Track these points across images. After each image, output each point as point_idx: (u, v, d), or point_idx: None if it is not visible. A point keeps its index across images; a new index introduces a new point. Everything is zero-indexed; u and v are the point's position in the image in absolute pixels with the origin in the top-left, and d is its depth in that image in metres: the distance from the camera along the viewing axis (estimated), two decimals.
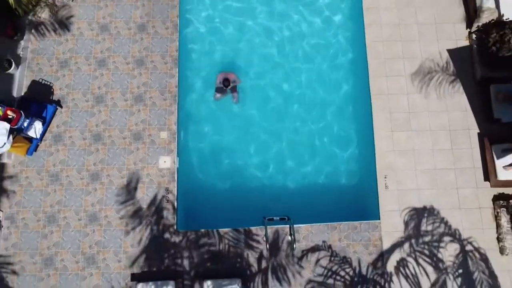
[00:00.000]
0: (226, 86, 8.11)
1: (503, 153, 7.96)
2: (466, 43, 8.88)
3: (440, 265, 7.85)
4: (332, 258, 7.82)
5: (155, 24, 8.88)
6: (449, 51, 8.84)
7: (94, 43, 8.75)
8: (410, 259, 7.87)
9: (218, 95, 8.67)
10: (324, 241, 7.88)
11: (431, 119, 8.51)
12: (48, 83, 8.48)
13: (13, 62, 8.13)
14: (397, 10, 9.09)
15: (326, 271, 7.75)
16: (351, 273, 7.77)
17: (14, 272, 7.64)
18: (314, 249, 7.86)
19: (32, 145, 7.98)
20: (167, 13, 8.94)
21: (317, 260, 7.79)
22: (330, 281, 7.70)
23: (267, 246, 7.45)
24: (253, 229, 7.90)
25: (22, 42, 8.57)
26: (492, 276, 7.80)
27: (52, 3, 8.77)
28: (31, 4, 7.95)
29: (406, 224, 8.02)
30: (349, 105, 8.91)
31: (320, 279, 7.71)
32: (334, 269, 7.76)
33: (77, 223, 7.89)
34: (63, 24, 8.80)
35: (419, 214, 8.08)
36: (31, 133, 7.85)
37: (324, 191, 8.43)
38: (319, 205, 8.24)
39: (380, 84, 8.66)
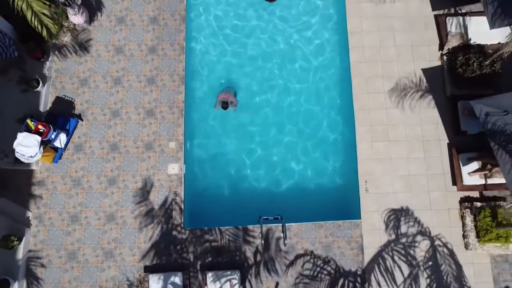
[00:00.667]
0: (225, 108, 9.24)
1: (468, 161, 9.13)
2: (438, 63, 10.03)
3: (413, 258, 8.98)
4: (319, 253, 8.96)
5: (164, 47, 10.04)
6: (423, 70, 9.99)
7: (110, 63, 9.90)
8: (387, 254, 9.01)
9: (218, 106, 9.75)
10: (312, 238, 9.03)
11: (406, 130, 9.67)
12: (70, 99, 9.63)
13: (41, 81, 9.28)
14: (378, 33, 10.23)
15: (313, 263, 8.89)
16: (335, 265, 8.91)
17: (42, 265, 8.78)
18: (304, 244, 9.00)
19: (58, 154, 9.13)
20: (174, 37, 10.09)
21: (306, 254, 8.94)
22: (317, 272, 8.84)
23: (262, 241, 8.64)
24: (250, 227, 9.03)
25: (47, 63, 9.71)
26: (458, 268, 8.95)
27: (73, 28, 9.92)
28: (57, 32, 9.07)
29: (384, 223, 9.16)
30: (335, 118, 10.02)
31: (308, 271, 8.85)
32: (320, 262, 8.90)
33: (96, 222, 9.03)
34: (83, 47, 9.95)
35: (395, 214, 9.21)
36: (56, 144, 8.99)
37: (312, 194, 9.55)
38: (308, 206, 9.34)
39: (362, 100, 9.82)
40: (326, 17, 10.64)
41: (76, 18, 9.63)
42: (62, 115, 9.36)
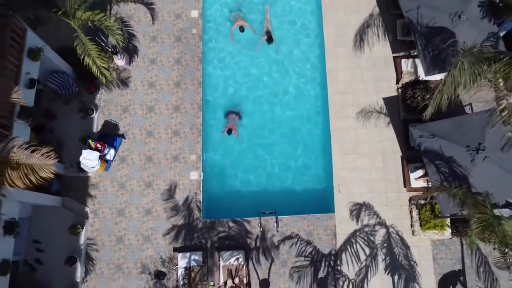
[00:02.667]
0: (229, 134, 12.28)
1: (415, 169, 12.15)
2: (395, 94, 13.03)
3: (373, 242, 12.00)
4: (303, 238, 12.00)
5: (186, 82, 13.10)
6: (384, 99, 13.00)
7: (145, 95, 12.98)
8: (354, 239, 12.04)
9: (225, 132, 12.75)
10: (298, 226, 12.08)
11: (370, 146, 12.70)
12: (116, 123, 12.68)
13: (94, 109, 12.37)
14: (350, 71, 13.27)
15: (299, 245, 11.93)
16: (315, 247, 11.95)
17: (97, 247, 11.84)
18: (292, 231, 12.05)
19: (108, 164, 12.18)
20: (194, 74, 13.16)
21: (293, 239, 11.99)
22: (301, 252, 11.88)
23: (261, 229, 11.71)
24: (252, 219, 12.05)
25: (98, 95, 12.78)
26: (407, 249, 11.96)
27: (117, 68, 12.99)
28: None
29: (352, 216, 12.19)
30: (316, 137, 13.09)
31: (295, 251, 11.90)
32: (304, 244, 11.94)
33: (137, 215, 12.08)
34: (124, 82, 13.01)
35: (360, 209, 12.24)
36: (107, 157, 12.05)
37: (298, 194, 12.61)
38: (295, 203, 12.39)
39: (336, 123, 12.85)
40: (310, 60, 13.69)
41: (120, 61, 12.72)
42: (110, 135, 12.43)
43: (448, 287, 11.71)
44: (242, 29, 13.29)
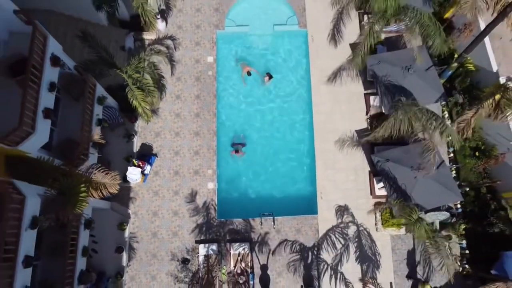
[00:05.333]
0: (236, 153, 16.11)
1: (378, 181, 16.00)
2: (365, 124, 16.90)
3: (347, 236, 15.83)
4: (293, 233, 15.83)
5: (204, 113, 16.91)
6: (356, 127, 16.85)
7: (172, 123, 16.77)
8: (331, 234, 15.88)
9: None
10: (289, 224, 15.89)
11: (346, 163, 16.52)
12: (150, 145, 16.48)
13: (134, 135, 16.17)
14: (330, 104, 17.11)
15: (290, 239, 15.75)
16: (302, 240, 15.77)
17: (137, 240, 15.62)
18: (285, 228, 15.87)
19: (145, 177, 15.98)
20: (210, 107, 16.96)
21: (286, 234, 15.82)
22: (292, 244, 15.71)
23: (262, 226, 15.54)
24: (255, 219, 15.83)
25: (136, 124, 16.58)
26: (372, 242, 15.80)
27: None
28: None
29: (331, 216, 16.02)
30: (304, 157, 16.93)
31: (287, 243, 15.71)
32: (294, 238, 15.77)
33: (167, 216, 15.88)
34: (155, 112, 16.80)
35: (337, 212, 16.08)
36: (145, 171, 15.84)
37: (290, 200, 16.42)
38: (288, 207, 16.19)
39: (320, 146, 16.67)
40: (300, 94, 17.57)
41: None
42: (147, 154, 16.24)
43: (402, 270, 15.57)
44: (249, 73, 17.03)
